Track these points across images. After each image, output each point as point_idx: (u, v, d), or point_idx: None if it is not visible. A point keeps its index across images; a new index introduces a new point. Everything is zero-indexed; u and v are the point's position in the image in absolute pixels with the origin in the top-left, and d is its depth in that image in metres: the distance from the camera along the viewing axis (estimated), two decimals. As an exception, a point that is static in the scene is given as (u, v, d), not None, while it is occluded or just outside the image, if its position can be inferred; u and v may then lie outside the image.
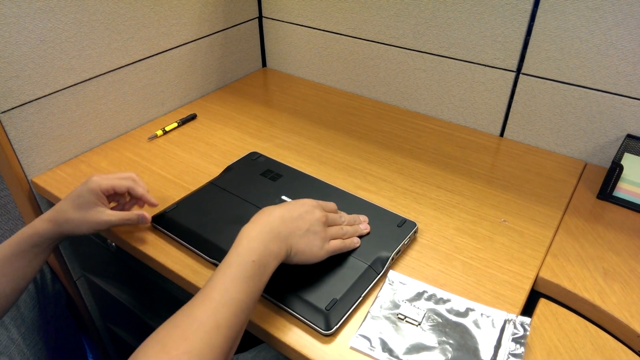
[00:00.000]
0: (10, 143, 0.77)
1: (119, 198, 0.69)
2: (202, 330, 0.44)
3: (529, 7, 0.78)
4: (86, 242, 0.88)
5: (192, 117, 0.98)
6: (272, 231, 0.53)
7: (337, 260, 0.61)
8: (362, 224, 0.66)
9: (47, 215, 0.62)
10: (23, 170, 0.80)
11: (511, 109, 0.88)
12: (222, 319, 0.46)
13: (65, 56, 0.79)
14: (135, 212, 0.65)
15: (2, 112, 0.74)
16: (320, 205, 0.61)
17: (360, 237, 0.64)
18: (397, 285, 0.59)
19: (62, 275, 0.93)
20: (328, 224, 0.60)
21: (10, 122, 0.76)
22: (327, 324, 0.54)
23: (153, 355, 0.42)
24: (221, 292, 0.47)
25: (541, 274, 0.62)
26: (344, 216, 0.64)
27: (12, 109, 0.75)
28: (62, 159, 0.85)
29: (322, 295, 0.56)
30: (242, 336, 0.50)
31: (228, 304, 0.47)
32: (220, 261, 0.61)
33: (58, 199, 0.77)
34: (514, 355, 0.51)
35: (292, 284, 0.58)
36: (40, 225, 0.62)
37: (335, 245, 0.60)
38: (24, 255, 0.62)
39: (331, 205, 0.64)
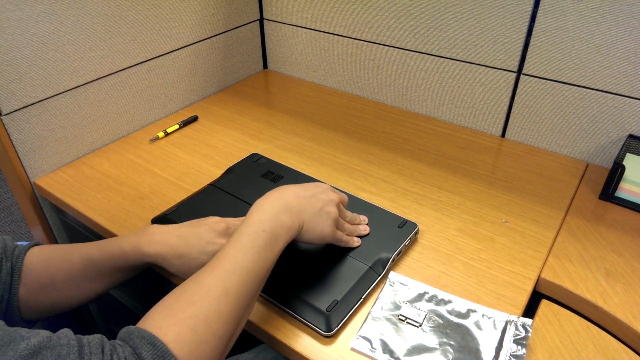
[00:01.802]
0: (13, 145, 0.77)
1: None
2: (210, 296, 0.44)
3: (530, 7, 0.78)
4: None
5: (194, 119, 0.98)
6: (285, 205, 0.53)
7: (338, 261, 0.61)
8: (362, 224, 0.66)
9: (164, 238, 0.57)
10: (25, 173, 0.80)
11: (512, 110, 0.88)
12: (230, 286, 0.45)
13: (67, 59, 0.80)
14: None
15: (5, 115, 0.75)
16: (335, 192, 0.61)
17: (359, 237, 0.64)
18: (398, 286, 0.59)
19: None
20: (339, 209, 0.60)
21: (12, 124, 0.76)
22: (328, 325, 0.54)
23: (160, 319, 0.43)
24: (231, 260, 0.47)
25: (543, 275, 0.62)
26: (348, 213, 0.64)
27: (15, 111, 0.76)
28: (64, 161, 0.85)
29: (322, 296, 0.56)
30: (243, 337, 0.50)
31: (237, 272, 0.47)
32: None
33: (60, 201, 0.77)
34: (516, 356, 0.51)
35: (293, 285, 0.58)
36: (149, 252, 0.57)
37: (340, 236, 0.60)
38: (131, 270, 0.59)
39: (343, 196, 0.63)
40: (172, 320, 0.42)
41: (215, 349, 0.43)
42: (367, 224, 0.66)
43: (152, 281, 0.78)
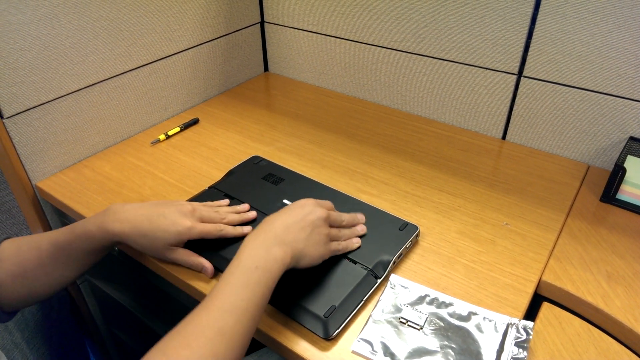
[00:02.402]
0: (15, 148, 0.78)
1: None
2: (205, 337, 0.44)
3: (530, 10, 0.78)
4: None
5: (195, 122, 0.98)
6: (276, 238, 0.53)
7: (336, 265, 0.61)
8: (359, 225, 0.65)
9: (124, 215, 0.58)
10: (27, 175, 0.81)
11: (513, 112, 0.88)
12: (225, 326, 0.45)
13: (68, 62, 0.80)
14: (200, 261, 0.61)
15: (7, 118, 0.75)
16: (320, 204, 0.61)
17: (362, 241, 0.64)
18: (399, 289, 0.59)
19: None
20: (329, 221, 0.60)
21: (14, 127, 0.76)
22: (326, 332, 0.53)
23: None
24: (224, 300, 0.47)
25: (544, 278, 0.62)
26: (343, 215, 0.64)
27: (17, 114, 0.76)
28: (66, 163, 0.85)
29: (321, 302, 0.56)
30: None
31: (231, 311, 0.46)
32: (221, 266, 0.61)
33: (62, 204, 0.77)
34: (517, 359, 0.51)
35: (292, 290, 0.58)
36: (114, 230, 0.57)
37: (336, 247, 0.60)
38: (98, 252, 0.59)
39: (328, 203, 0.63)
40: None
41: None
42: (364, 223, 0.66)
43: (151, 283, 0.78)
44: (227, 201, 0.70)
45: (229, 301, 0.47)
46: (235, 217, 0.66)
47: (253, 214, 0.68)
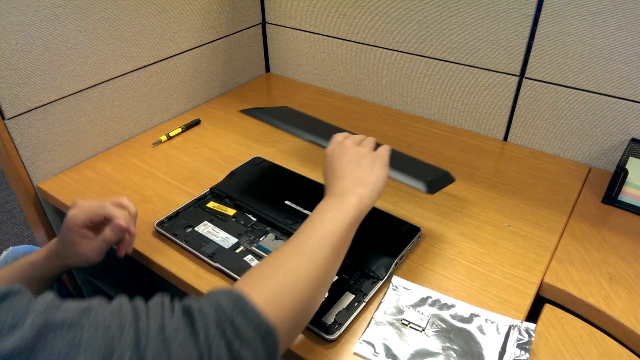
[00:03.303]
0: (17, 149, 0.78)
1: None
2: (314, 243, 0.47)
3: (532, 11, 0.78)
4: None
5: (196, 123, 0.98)
6: (345, 187, 0.53)
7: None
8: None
9: (50, 249, 0.59)
10: (29, 176, 0.81)
11: (515, 113, 0.88)
12: (318, 255, 0.47)
13: (70, 63, 0.80)
14: (107, 229, 0.59)
15: (9, 119, 0.75)
16: (344, 137, 0.61)
17: (364, 243, 0.64)
18: (401, 290, 0.59)
19: (67, 280, 0.93)
20: (358, 143, 0.60)
21: (16, 128, 0.76)
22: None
23: (250, 282, 0.43)
24: (319, 234, 0.48)
25: (546, 279, 0.61)
26: (356, 136, 0.63)
27: (18, 115, 0.76)
28: (67, 164, 0.86)
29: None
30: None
31: (306, 252, 0.47)
32: (223, 265, 0.61)
33: (63, 204, 0.77)
34: (519, 361, 0.51)
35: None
36: (48, 261, 0.59)
37: (384, 153, 0.59)
38: (36, 284, 0.59)
39: (341, 135, 0.63)
40: (260, 285, 0.42)
41: (297, 315, 0.43)
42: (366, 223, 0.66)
43: (153, 283, 0.78)
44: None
45: (312, 243, 0.48)
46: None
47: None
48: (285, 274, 0.44)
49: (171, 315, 0.38)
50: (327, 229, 0.49)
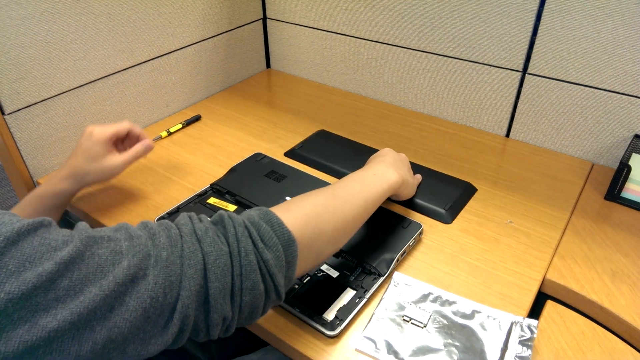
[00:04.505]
0: (16, 144, 0.77)
1: (119, 144, 0.72)
2: (340, 199, 0.52)
3: (535, 6, 0.78)
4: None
5: (197, 119, 0.98)
6: (390, 165, 0.63)
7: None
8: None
9: (63, 173, 0.66)
10: (29, 172, 0.80)
11: (517, 109, 0.88)
12: (346, 202, 0.53)
13: (70, 58, 0.80)
14: (138, 145, 0.70)
15: (8, 114, 0.75)
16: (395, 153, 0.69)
17: (365, 239, 0.64)
18: (403, 286, 0.59)
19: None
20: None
21: (16, 123, 0.76)
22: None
23: (280, 209, 0.47)
24: (345, 189, 0.55)
25: (548, 276, 0.61)
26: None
27: (18, 110, 0.76)
28: (68, 160, 0.85)
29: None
30: (247, 338, 0.50)
31: (345, 199, 0.53)
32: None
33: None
34: (521, 358, 0.50)
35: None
36: (61, 185, 0.65)
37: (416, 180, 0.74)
38: (48, 213, 0.65)
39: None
40: (290, 208, 0.48)
41: (317, 243, 0.48)
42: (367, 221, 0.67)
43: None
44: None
45: (348, 191, 0.54)
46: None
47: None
48: (317, 204, 0.50)
49: (199, 221, 0.43)
50: (364, 187, 0.56)
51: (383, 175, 0.60)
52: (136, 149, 0.70)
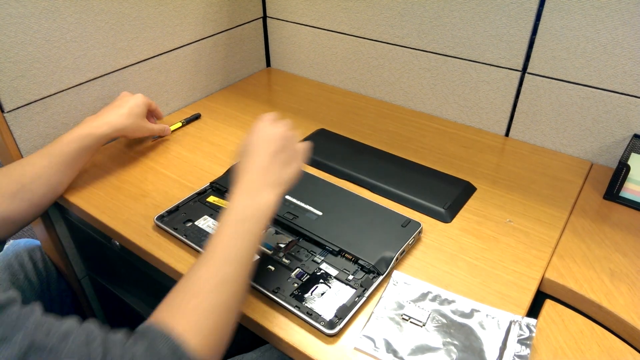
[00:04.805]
0: (16, 142, 0.77)
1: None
2: (210, 285, 0.47)
3: (535, 6, 0.78)
4: (91, 242, 0.88)
5: (196, 117, 0.98)
6: (259, 183, 0.54)
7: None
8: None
9: (104, 120, 0.74)
10: (28, 170, 0.80)
11: (516, 109, 0.88)
12: (226, 275, 0.48)
13: (70, 56, 0.80)
14: (163, 125, 0.88)
15: (8, 112, 0.75)
16: (271, 119, 0.60)
17: (365, 238, 0.64)
18: (402, 285, 0.59)
19: (67, 274, 0.93)
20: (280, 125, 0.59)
21: (15, 121, 0.76)
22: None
23: (168, 314, 0.45)
24: (221, 252, 0.50)
25: (547, 275, 0.61)
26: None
27: (18, 108, 0.76)
28: (67, 158, 0.85)
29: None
30: (247, 336, 0.50)
31: (229, 261, 0.49)
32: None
33: (62, 198, 0.77)
34: (520, 356, 0.50)
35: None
36: (100, 130, 0.73)
37: (300, 147, 0.60)
38: (86, 152, 0.72)
39: (269, 115, 0.62)
40: (179, 314, 0.45)
41: (221, 336, 0.47)
42: (366, 219, 0.66)
43: (152, 277, 0.78)
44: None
45: (225, 253, 0.50)
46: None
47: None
48: (214, 303, 0.46)
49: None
50: (245, 241, 0.51)
51: (258, 209, 0.53)
52: (161, 127, 0.86)
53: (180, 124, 0.95)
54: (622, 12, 0.71)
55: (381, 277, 0.59)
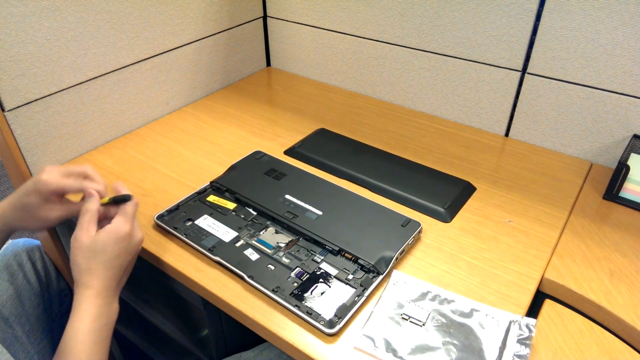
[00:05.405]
0: (16, 141, 0.77)
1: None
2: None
3: (535, 6, 0.78)
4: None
5: (125, 199, 0.91)
6: (110, 291, 0.56)
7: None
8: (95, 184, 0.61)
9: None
10: (28, 169, 0.80)
11: (516, 109, 0.88)
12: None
13: (70, 55, 0.80)
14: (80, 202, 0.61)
15: (8, 111, 0.75)
16: (133, 231, 0.58)
17: (364, 237, 0.64)
18: (401, 285, 0.59)
19: (67, 273, 0.93)
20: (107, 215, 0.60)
21: (16, 120, 0.76)
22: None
23: None
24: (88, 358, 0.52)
25: (547, 275, 0.61)
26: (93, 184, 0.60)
27: (18, 107, 0.76)
28: (67, 157, 0.85)
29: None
30: (245, 335, 0.50)
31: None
32: (223, 259, 0.61)
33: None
34: (519, 356, 0.51)
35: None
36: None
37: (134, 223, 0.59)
38: None
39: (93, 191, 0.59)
40: None
41: None
42: (364, 218, 0.66)
43: (153, 277, 0.78)
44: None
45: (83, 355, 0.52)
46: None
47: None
48: None
49: None
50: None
51: (112, 315, 0.56)
52: (76, 210, 0.60)
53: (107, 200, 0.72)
54: (622, 13, 0.71)
55: (381, 277, 0.60)
